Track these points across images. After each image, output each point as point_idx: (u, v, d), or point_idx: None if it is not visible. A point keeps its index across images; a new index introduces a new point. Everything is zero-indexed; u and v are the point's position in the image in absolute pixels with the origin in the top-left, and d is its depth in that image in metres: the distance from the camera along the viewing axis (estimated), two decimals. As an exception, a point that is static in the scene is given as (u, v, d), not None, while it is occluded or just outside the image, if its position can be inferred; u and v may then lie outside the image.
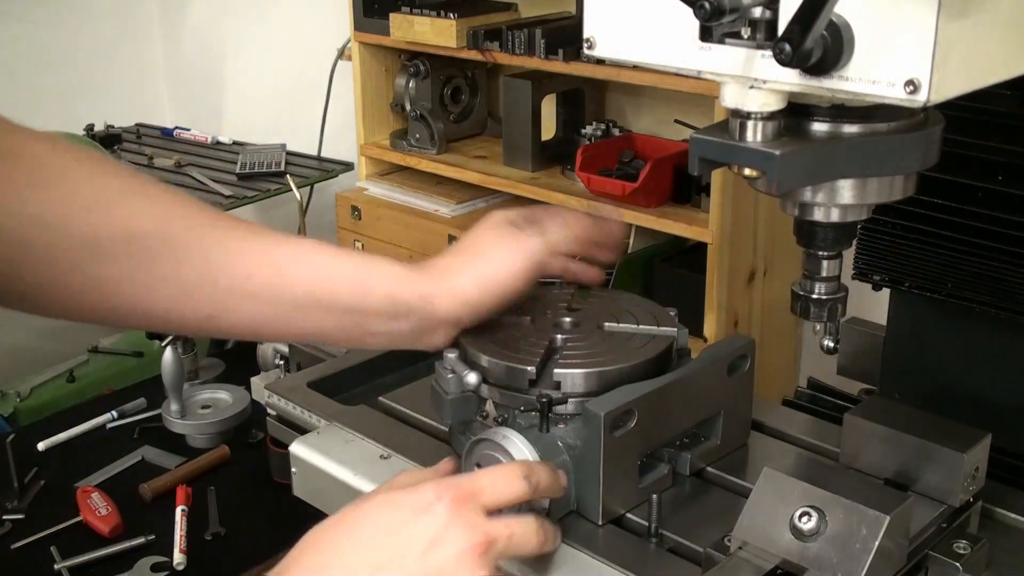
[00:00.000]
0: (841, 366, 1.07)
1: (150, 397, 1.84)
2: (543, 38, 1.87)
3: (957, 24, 0.59)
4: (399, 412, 1.01)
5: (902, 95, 0.60)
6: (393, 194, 2.25)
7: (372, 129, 2.31)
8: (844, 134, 0.69)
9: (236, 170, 2.38)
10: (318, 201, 2.57)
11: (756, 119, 0.67)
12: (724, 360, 0.89)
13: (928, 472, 0.80)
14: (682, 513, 0.84)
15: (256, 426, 1.71)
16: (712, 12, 0.61)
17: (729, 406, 0.90)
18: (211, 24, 3.02)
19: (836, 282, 0.78)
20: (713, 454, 0.90)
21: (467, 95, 2.29)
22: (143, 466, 1.67)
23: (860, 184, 0.71)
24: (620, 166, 1.95)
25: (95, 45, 2.99)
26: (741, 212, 1.75)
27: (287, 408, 1.04)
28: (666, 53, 0.70)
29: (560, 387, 0.84)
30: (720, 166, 0.71)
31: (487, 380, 0.86)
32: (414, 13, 2.06)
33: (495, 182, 2.07)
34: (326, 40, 2.47)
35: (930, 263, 0.90)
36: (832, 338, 1.04)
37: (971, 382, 0.93)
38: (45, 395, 2.09)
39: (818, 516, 0.70)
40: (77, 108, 2.66)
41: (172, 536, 1.46)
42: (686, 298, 1.74)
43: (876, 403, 0.94)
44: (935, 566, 0.76)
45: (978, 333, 0.92)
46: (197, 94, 3.10)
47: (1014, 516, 0.84)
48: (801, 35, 0.59)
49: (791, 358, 1.99)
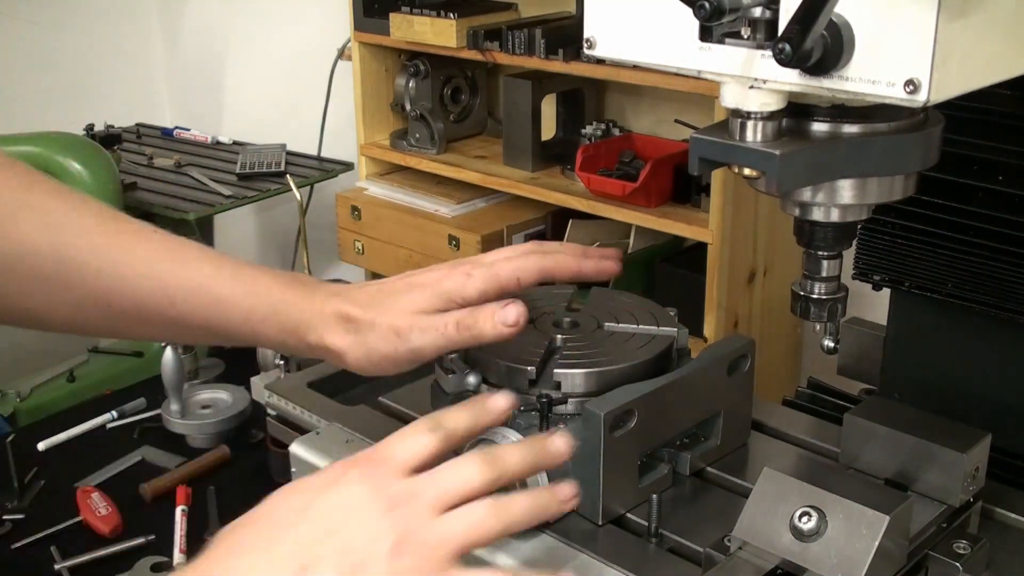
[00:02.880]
0: (841, 366, 1.07)
1: (150, 397, 1.84)
2: (543, 38, 1.87)
3: (957, 24, 0.59)
4: (399, 412, 1.01)
5: (902, 95, 0.60)
6: (393, 194, 2.25)
7: (372, 129, 2.31)
8: (844, 134, 0.69)
9: (236, 170, 2.38)
10: (318, 201, 2.57)
11: (756, 119, 0.67)
12: (724, 360, 0.89)
13: (928, 472, 0.80)
14: (682, 513, 0.84)
15: (256, 426, 1.71)
16: (712, 12, 0.61)
17: (729, 406, 0.90)
18: (211, 24, 3.02)
19: (836, 282, 0.78)
20: (713, 454, 0.90)
21: (467, 95, 2.29)
22: (143, 466, 1.67)
23: (860, 184, 0.71)
24: (620, 166, 1.95)
25: (95, 45, 2.99)
26: (741, 212, 1.75)
27: (287, 408, 1.04)
28: (666, 53, 0.70)
29: (560, 387, 0.84)
30: (720, 166, 0.71)
31: (487, 380, 0.86)
32: (414, 13, 2.06)
33: (495, 182, 2.07)
34: (326, 40, 2.47)
35: (930, 263, 0.90)
36: (832, 338, 1.04)
37: (971, 382, 0.93)
38: (45, 395, 2.09)
39: (818, 516, 0.70)
40: (77, 108, 2.66)
41: (172, 536, 1.46)
42: (686, 298, 1.74)
43: (876, 403, 0.94)
44: (935, 566, 0.76)
45: (978, 333, 0.92)
46: (197, 94, 3.10)
47: (1014, 516, 0.84)
48: (801, 35, 0.59)
49: (791, 358, 1.99)
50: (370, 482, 0.65)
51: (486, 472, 0.66)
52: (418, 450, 0.67)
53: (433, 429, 0.68)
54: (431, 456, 0.67)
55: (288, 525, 0.64)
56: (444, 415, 0.70)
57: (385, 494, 0.64)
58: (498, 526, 0.65)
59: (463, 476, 0.66)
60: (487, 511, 0.65)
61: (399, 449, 0.67)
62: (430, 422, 0.69)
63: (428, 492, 0.64)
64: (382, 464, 0.66)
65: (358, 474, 0.65)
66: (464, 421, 0.71)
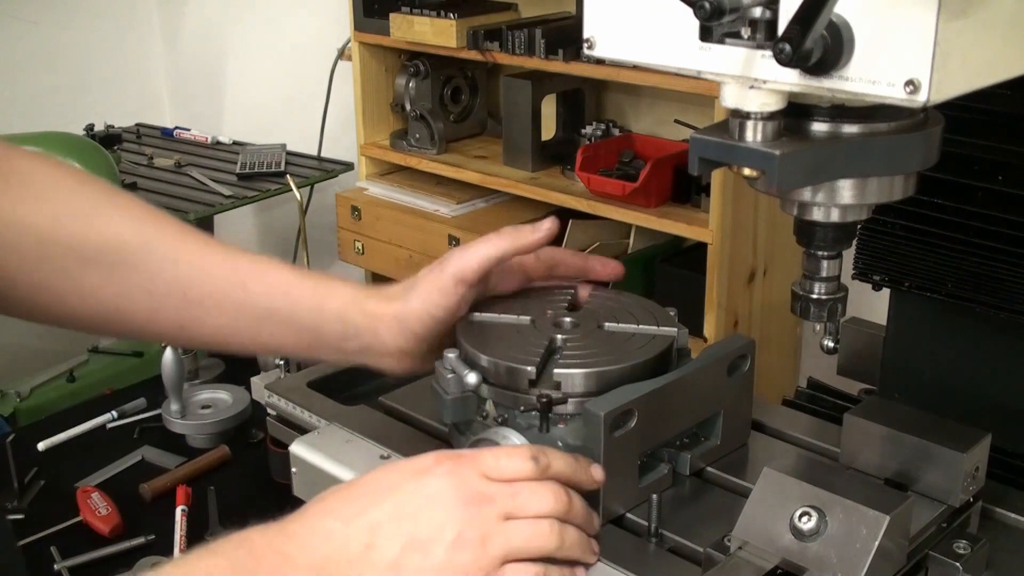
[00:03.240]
0: (841, 366, 1.07)
1: (150, 397, 1.84)
2: (543, 38, 1.87)
3: (957, 24, 0.59)
4: (399, 412, 1.01)
5: (902, 95, 0.60)
6: (393, 194, 2.25)
7: (372, 129, 2.31)
8: (844, 134, 0.69)
9: (236, 170, 2.38)
10: (318, 201, 2.58)
11: (756, 119, 0.67)
12: (724, 360, 0.89)
13: (928, 472, 0.80)
14: (682, 513, 0.84)
15: (256, 426, 1.71)
16: (712, 12, 0.61)
17: (729, 406, 0.90)
18: (211, 24, 3.02)
19: (836, 282, 0.78)
20: (713, 454, 0.90)
21: (467, 95, 2.29)
22: (143, 466, 1.67)
23: (860, 184, 0.71)
24: (620, 166, 1.95)
25: (95, 45, 2.99)
26: (741, 212, 1.75)
27: (287, 408, 1.04)
28: (666, 53, 0.70)
29: (560, 387, 0.84)
30: (720, 166, 0.71)
31: (487, 380, 0.86)
32: (414, 13, 2.06)
33: (495, 182, 2.07)
34: (326, 40, 2.47)
35: (930, 263, 0.90)
36: (832, 338, 1.04)
37: (971, 382, 0.93)
38: (45, 395, 2.10)
39: (818, 516, 0.70)
40: (77, 108, 2.66)
41: (172, 536, 1.46)
42: (686, 298, 1.74)
43: (876, 403, 0.94)
44: (935, 566, 0.76)
45: (978, 333, 0.92)
46: (197, 94, 3.10)
47: (1014, 516, 0.84)
48: (801, 35, 0.59)
49: (791, 358, 1.99)
50: (455, 477, 0.71)
51: (559, 507, 0.73)
52: (514, 469, 0.73)
53: (536, 459, 0.74)
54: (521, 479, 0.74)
55: (371, 502, 0.71)
56: (552, 455, 0.76)
57: (465, 490, 0.70)
58: (553, 547, 0.72)
59: (540, 501, 0.73)
60: (551, 530, 0.72)
61: (498, 462, 0.73)
62: (537, 451, 0.75)
63: (505, 501, 0.71)
64: (473, 464, 0.72)
65: (447, 469, 0.72)
66: (565, 470, 0.76)
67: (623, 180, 1.85)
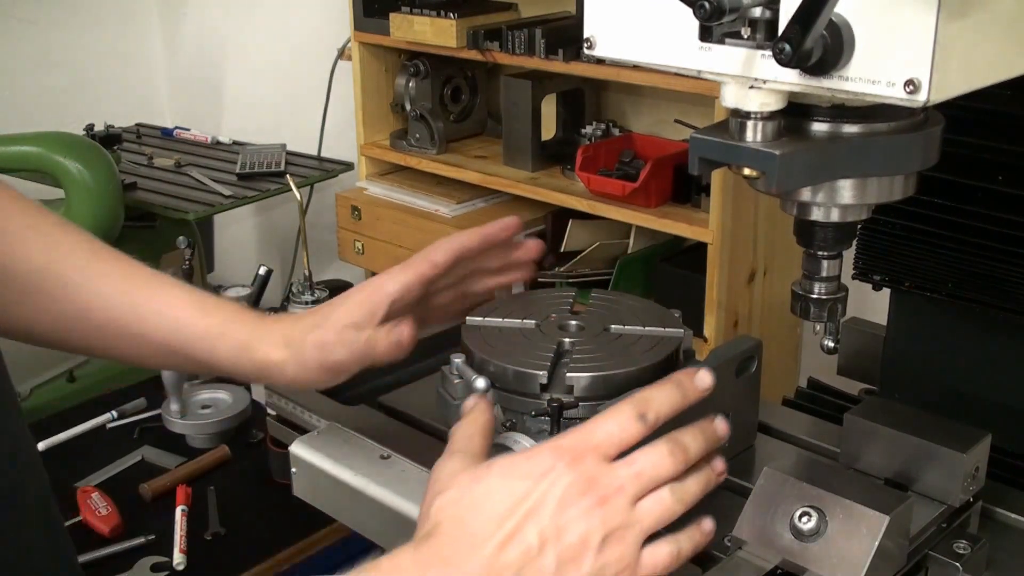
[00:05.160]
0: (841, 366, 1.07)
1: (150, 397, 1.83)
2: (543, 38, 1.87)
3: (957, 24, 0.59)
4: (399, 412, 1.01)
5: (902, 95, 0.60)
6: (393, 194, 2.25)
7: (372, 129, 2.31)
8: (844, 134, 0.69)
9: (236, 170, 2.39)
10: (318, 201, 2.58)
11: (756, 119, 0.67)
12: (733, 361, 0.89)
13: (928, 472, 0.80)
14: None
15: (256, 426, 1.71)
16: (712, 12, 0.61)
17: (736, 408, 0.90)
18: (211, 24, 3.03)
19: (836, 282, 0.78)
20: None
21: (467, 95, 2.29)
22: (143, 466, 1.67)
23: (860, 184, 0.71)
24: (620, 166, 1.95)
25: (95, 45, 2.99)
26: (741, 212, 1.75)
27: (287, 408, 1.04)
28: (666, 53, 0.70)
29: (572, 391, 0.83)
30: (720, 166, 0.71)
31: (496, 385, 0.85)
32: (414, 13, 2.06)
33: (495, 182, 2.07)
34: (326, 40, 2.47)
35: (930, 263, 0.90)
36: (832, 338, 1.04)
37: (971, 382, 0.93)
38: (45, 395, 2.09)
39: (818, 516, 0.70)
40: (77, 108, 2.66)
41: (172, 536, 1.46)
42: (686, 298, 1.74)
43: (876, 403, 0.94)
44: (935, 566, 0.76)
45: (978, 333, 0.92)
46: (197, 94, 3.10)
47: (1014, 516, 0.84)
48: (801, 35, 0.59)
49: (791, 358, 1.99)
50: (578, 473, 0.68)
51: (677, 464, 0.71)
52: (625, 438, 0.70)
53: (641, 417, 0.71)
54: (635, 442, 0.71)
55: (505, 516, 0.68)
56: (651, 399, 0.72)
57: (596, 489, 0.68)
58: (679, 508, 0.71)
59: (660, 468, 0.70)
60: (673, 497, 0.70)
61: (610, 437, 0.70)
62: (639, 406, 0.71)
63: (631, 486, 0.69)
64: (590, 449, 0.69)
65: (566, 466, 0.69)
66: (670, 405, 0.73)
67: (623, 180, 1.86)
